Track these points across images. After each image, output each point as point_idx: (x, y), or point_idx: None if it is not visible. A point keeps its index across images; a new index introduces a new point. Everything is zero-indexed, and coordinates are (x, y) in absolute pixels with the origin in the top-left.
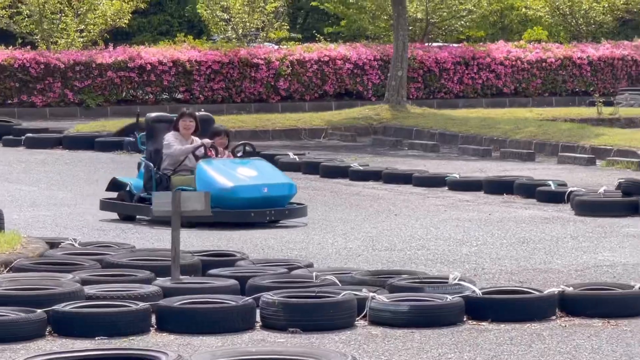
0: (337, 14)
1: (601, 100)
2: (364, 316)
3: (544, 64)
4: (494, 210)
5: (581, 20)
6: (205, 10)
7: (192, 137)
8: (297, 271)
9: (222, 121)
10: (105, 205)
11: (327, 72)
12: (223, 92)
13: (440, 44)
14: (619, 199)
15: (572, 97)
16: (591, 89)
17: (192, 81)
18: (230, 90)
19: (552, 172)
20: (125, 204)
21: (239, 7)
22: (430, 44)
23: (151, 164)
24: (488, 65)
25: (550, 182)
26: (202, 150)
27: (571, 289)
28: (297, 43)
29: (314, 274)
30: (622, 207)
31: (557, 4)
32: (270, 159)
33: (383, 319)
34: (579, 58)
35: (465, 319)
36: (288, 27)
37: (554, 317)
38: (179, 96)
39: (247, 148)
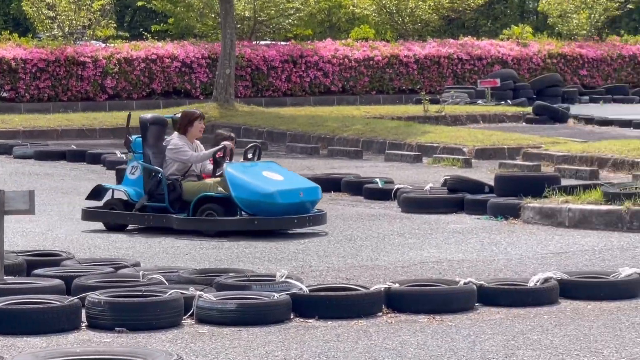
0: (164, 12)
1: (427, 98)
2: (191, 315)
3: (371, 62)
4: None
5: (407, 18)
6: (30, 7)
7: (195, 140)
8: (123, 270)
9: (49, 120)
10: (91, 215)
11: (155, 70)
12: (49, 91)
13: (268, 42)
14: (444, 195)
15: (399, 95)
16: (418, 87)
17: (17, 79)
18: (56, 89)
19: (379, 169)
20: (125, 213)
21: (65, 5)
22: (258, 42)
23: (160, 170)
24: (316, 64)
25: (377, 180)
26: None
27: (397, 285)
28: (124, 41)
29: (141, 273)
30: (447, 203)
31: (383, 2)
32: (97, 158)
33: (210, 318)
34: (405, 56)
35: (292, 317)
36: (115, 25)
37: (380, 314)
38: (4, 95)
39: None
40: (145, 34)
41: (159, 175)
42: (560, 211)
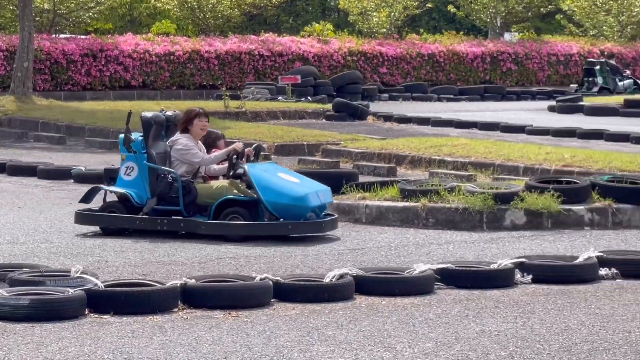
0: None
1: (228, 94)
2: None
3: (172, 57)
4: None
5: (209, 14)
6: None
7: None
8: None
9: None
10: (87, 218)
11: None
12: None
13: (68, 35)
14: None
15: (200, 91)
16: (219, 82)
17: None
18: None
19: None
20: (134, 217)
21: None
22: (57, 35)
23: (173, 171)
24: (116, 58)
25: None
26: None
27: (193, 281)
28: None
29: None
30: None
31: None
32: None
33: (3, 314)
34: (206, 52)
35: (87, 312)
36: None
37: (176, 309)
38: None
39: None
40: None
41: (170, 176)
42: (358, 207)
